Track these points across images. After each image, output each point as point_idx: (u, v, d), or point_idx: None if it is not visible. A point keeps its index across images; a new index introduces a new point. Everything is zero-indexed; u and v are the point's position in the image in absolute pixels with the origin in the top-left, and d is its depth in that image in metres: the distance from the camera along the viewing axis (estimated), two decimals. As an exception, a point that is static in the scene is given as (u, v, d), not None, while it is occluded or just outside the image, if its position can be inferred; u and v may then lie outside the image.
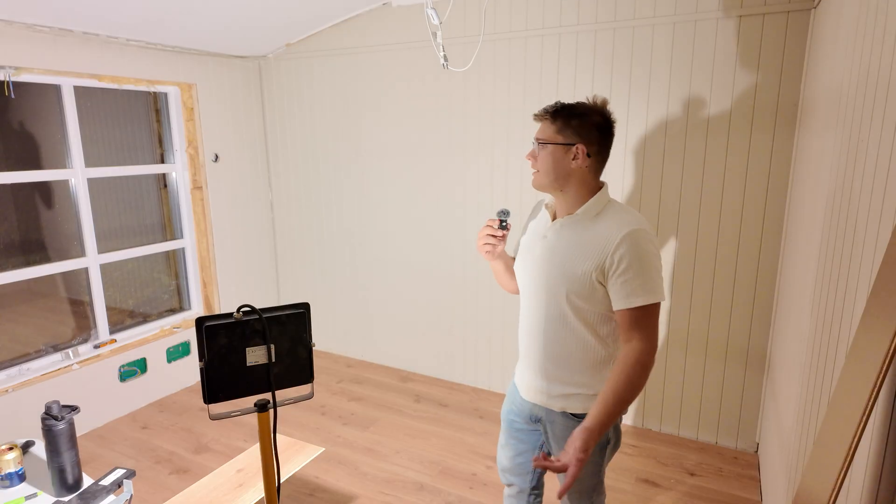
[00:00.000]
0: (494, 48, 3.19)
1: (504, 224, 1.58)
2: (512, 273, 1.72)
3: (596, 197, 1.49)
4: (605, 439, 1.59)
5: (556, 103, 1.50)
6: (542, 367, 1.59)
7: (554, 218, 1.57)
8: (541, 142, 1.49)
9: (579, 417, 1.54)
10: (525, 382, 1.66)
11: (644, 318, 1.41)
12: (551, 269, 1.51)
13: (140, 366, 3.46)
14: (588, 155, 1.46)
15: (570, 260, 1.47)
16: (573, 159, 1.46)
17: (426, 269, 3.71)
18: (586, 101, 1.50)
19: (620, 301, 1.42)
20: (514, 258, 1.72)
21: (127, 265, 3.53)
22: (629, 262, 1.39)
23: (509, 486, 1.83)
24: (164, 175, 3.72)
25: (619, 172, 2.97)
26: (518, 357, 1.75)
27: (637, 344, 1.40)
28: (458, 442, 3.04)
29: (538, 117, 1.52)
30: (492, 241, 1.59)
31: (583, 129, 1.45)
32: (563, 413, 1.57)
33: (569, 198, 1.50)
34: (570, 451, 1.31)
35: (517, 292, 1.72)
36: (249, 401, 1.57)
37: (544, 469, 1.42)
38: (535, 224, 1.63)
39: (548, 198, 1.62)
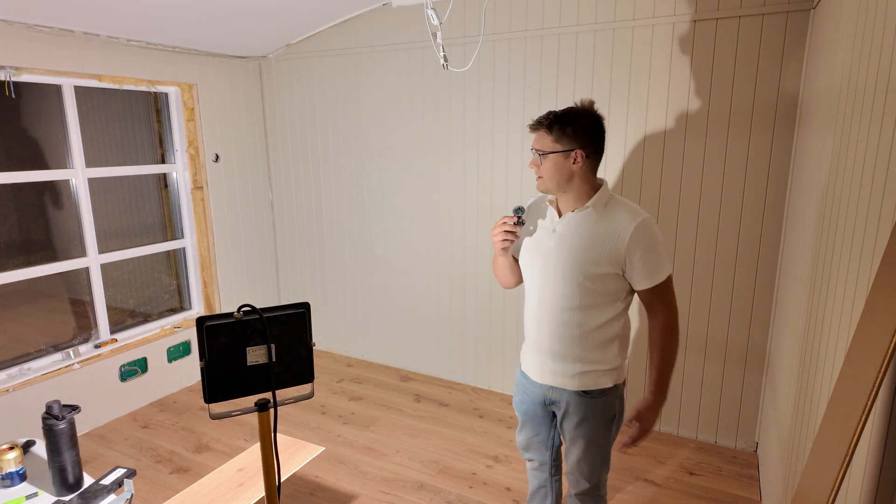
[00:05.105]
0: (494, 48, 3.19)
1: (521, 220, 1.68)
2: (514, 268, 1.80)
3: (601, 191, 1.62)
4: (610, 414, 1.72)
5: (547, 114, 1.61)
6: (558, 351, 1.69)
7: (560, 214, 1.67)
8: (541, 153, 1.60)
9: (591, 394, 1.68)
10: (537, 367, 1.76)
11: (664, 291, 1.60)
12: (566, 258, 1.62)
13: (141, 365, 3.46)
14: (586, 156, 1.58)
15: (585, 249, 1.59)
16: (573, 163, 1.58)
17: (426, 268, 3.71)
18: (574, 105, 1.62)
19: (643, 282, 1.59)
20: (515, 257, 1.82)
21: (127, 265, 3.53)
22: (645, 248, 1.55)
23: (530, 461, 1.98)
24: (164, 175, 3.72)
25: (618, 172, 2.97)
26: (521, 348, 1.87)
27: (662, 316, 1.62)
28: (457, 441, 3.04)
29: (533, 128, 1.63)
30: (510, 236, 1.68)
31: (577, 134, 1.57)
32: (578, 392, 1.69)
33: (573, 195, 1.63)
34: (647, 421, 1.64)
35: (511, 287, 1.86)
36: (250, 400, 1.57)
37: (630, 445, 1.68)
38: (542, 221, 1.72)
39: (546, 196, 1.74)
